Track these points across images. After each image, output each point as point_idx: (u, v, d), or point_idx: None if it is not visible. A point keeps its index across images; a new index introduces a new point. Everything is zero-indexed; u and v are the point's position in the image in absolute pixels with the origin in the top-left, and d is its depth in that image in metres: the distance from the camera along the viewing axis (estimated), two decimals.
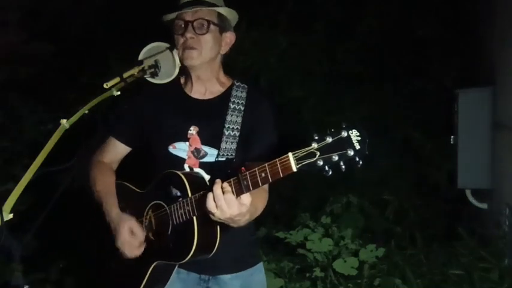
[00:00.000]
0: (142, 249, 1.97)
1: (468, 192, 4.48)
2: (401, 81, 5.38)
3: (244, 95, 2.02)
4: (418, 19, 5.48)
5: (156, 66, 1.95)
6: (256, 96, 2.04)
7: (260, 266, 2.12)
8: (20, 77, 5.28)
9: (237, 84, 2.06)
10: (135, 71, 1.88)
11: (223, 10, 2.01)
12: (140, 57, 1.99)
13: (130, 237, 1.95)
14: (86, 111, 1.63)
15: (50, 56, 5.69)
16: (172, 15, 2.02)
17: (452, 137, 4.51)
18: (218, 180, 1.58)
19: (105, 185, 2.10)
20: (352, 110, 5.12)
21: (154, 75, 1.95)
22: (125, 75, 1.82)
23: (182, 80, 2.11)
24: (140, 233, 1.96)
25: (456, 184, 4.41)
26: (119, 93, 1.76)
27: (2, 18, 5.74)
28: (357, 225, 4.06)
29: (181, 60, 1.99)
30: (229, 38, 2.04)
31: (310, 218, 3.78)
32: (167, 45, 2.00)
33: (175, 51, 1.98)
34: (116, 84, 1.77)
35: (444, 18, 5.47)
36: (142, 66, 1.92)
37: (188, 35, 1.95)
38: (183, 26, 1.97)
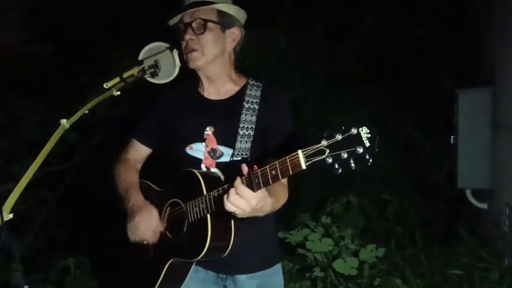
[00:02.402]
0: (155, 238, 1.99)
1: (468, 192, 4.48)
2: (401, 81, 5.39)
3: (258, 93, 2.00)
4: (418, 19, 5.48)
5: (156, 66, 1.95)
6: (270, 92, 2.02)
7: (278, 267, 2.12)
8: (20, 77, 5.28)
9: (252, 83, 2.05)
10: (135, 71, 1.88)
11: (222, 6, 1.99)
12: (140, 57, 1.98)
13: (150, 219, 1.98)
14: (86, 111, 1.63)
15: (50, 56, 5.69)
16: (175, 20, 2.02)
17: (452, 137, 4.51)
18: (238, 179, 1.55)
19: (128, 179, 2.14)
20: (352, 110, 5.12)
21: (154, 75, 1.94)
22: (125, 75, 1.82)
23: (197, 82, 2.12)
24: (158, 222, 1.98)
25: (456, 184, 4.42)
26: (118, 93, 1.76)
27: (2, 18, 5.74)
28: (357, 225, 4.05)
29: (186, 64, 1.99)
30: (235, 34, 2.02)
31: (310, 218, 3.78)
32: (167, 45, 2.00)
33: (175, 51, 1.98)
34: (116, 84, 1.77)
35: (444, 18, 5.47)
36: (142, 66, 1.92)
37: (187, 36, 1.95)
38: (183, 28, 1.97)
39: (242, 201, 1.53)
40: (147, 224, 1.98)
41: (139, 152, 2.21)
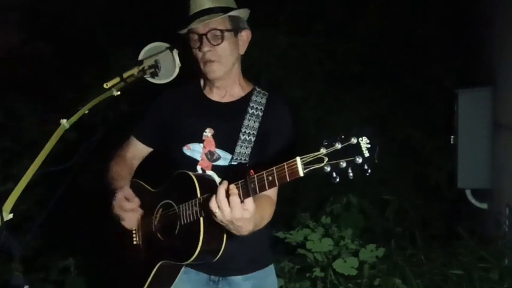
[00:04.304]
0: (137, 215, 1.96)
1: (468, 192, 4.48)
2: (401, 81, 5.39)
3: (264, 101, 2.00)
4: (418, 19, 5.48)
5: (156, 66, 1.95)
6: (276, 102, 2.01)
7: (271, 268, 2.11)
8: (20, 77, 5.29)
9: (258, 90, 2.04)
10: (135, 71, 1.88)
11: (234, 12, 1.98)
12: (140, 57, 1.98)
13: (124, 202, 1.94)
14: (86, 111, 1.63)
15: (50, 56, 5.70)
16: (185, 30, 2.00)
17: (452, 137, 4.51)
18: (225, 182, 1.56)
19: (118, 172, 2.11)
20: (352, 110, 5.12)
21: (154, 75, 1.94)
22: (125, 75, 1.82)
23: (202, 83, 2.11)
24: (133, 199, 1.95)
25: (456, 184, 4.42)
26: (118, 93, 1.76)
27: (2, 18, 5.75)
28: (357, 225, 4.05)
29: (204, 74, 1.99)
30: (246, 35, 2.02)
31: (310, 218, 3.77)
32: (167, 45, 2.00)
33: (175, 51, 1.97)
34: (116, 84, 1.77)
35: (444, 18, 5.47)
36: (142, 66, 1.92)
37: (205, 49, 1.93)
38: (197, 39, 1.95)
39: (227, 205, 1.53)
40: (120, 214, 1.94)
41: (137, 149, 2.19)
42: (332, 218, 3.82)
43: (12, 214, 1.38)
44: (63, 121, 1.58)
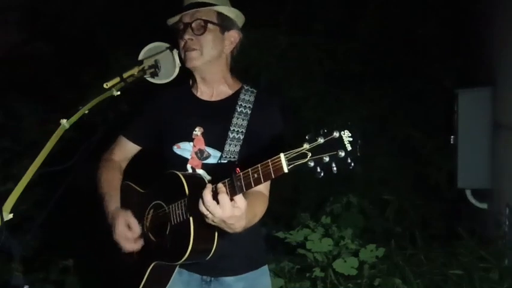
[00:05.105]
0: (139, 244, 1.98)
1: (468, 192, 4.48)
2: (401, 81, 5.39)
3: (252, 99, 2.00)
4: (418, 19, 5.49)
5: (156, 66, 1.95)
6: (264, 101, 2.02)
7: (265, 269, 2.09)
8: (20, 77, 5.29)
9: (246, 88, 2.04)
10: (135, 71, 1.88)
11: (222, 9, 2.00)
12: (140, 57, 1.99)
13: (127, 231, 1.96)
14: (86, 111, 1.64)
15: (50, 56, 5.70)
16: (175, 20, 2.03)
17: (452, 137, 4.51)
18: (209, 185, 1.55)
19: (109, 182, 2.12)
20: (352, 110, 5.12)
21: (154, 75, 1.95)
22: (125, 75, 1.82)
23: (191, 82, 2.12)
24: (136, 228, 1.97)
25: (456, 184, 4.42)
26: (118, 93, 1.76)
27: (2, 18, 5.75)
28: (357, 225, 4.05)
29: (184, 63, 1.99)
30: (233, 36, 2.03)
31: (310, 218, 3.77)
32: (167, 45, 2.00)
33: (175, 51, 1.98)
34: (116, 84, 1.77)
35: (444, 18, 5.48)
36: (142, 66, 1.93)
37: (186, 36, 1.96)
38: (182, 28, 1.98)
39: (215, 205, 1.52)
40: (121, 242, 1.97)
41: (126, 149, 2.19)
42: (332, 218, 3.82)
43: (12, 214, 1.39)
44: (63, 121, 1.58)
